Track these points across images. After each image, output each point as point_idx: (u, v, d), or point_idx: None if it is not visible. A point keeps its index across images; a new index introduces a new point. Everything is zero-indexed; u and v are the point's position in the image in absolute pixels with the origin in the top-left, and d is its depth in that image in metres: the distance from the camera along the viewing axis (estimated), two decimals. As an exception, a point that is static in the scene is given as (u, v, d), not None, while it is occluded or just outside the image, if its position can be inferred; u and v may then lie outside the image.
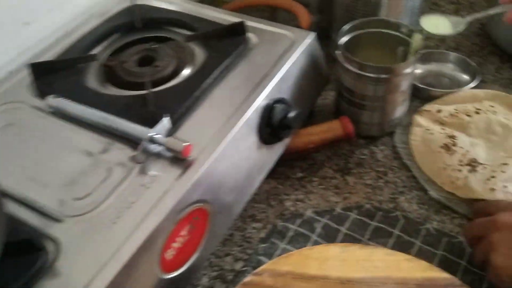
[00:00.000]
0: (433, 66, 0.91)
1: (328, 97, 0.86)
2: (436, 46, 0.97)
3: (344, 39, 0.75)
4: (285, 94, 0.68)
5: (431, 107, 0.79)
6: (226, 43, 0.71)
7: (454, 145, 0.72)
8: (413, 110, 0.81)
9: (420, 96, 0.83)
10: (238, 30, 0.72)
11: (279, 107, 0.64)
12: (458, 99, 0.80)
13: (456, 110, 0.78)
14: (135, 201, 0.52)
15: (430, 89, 0.83)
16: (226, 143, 0.58)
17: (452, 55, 0.90)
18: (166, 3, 0.81)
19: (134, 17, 0.76)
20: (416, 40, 0.72)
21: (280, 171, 0.74)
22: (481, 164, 0.70)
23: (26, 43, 0.74)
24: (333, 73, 0.79)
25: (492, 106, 0.78)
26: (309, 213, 0.68)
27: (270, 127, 0.64)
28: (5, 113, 0.64)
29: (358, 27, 0.75)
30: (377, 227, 0.65)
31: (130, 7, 0.79)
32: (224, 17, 0.78)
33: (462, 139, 0.73)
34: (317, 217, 0.67)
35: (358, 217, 0.67)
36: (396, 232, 0.65)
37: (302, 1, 0.91)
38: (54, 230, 0.50)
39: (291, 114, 0.65)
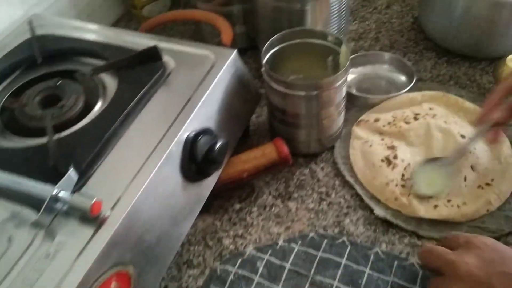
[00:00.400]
0: (368, 69, 0.86)
1: (263, 113, 0.81)
2: (369, 46, 0.93)
3: (269, 55, 0.69)
4: (210, 121, 0.62)
5: (368, 116, 0.75)
6: (140, 72, 0.64)
7: (395, 157, 0.68)
8: (352, 120, 0.77)
9: (358, 104, 0.79)
10: (152, 56, 0.65)
11: (202, 140, 0.58)
12: (396, 104, 0.76)
13: (394, 117, 0.74)
14: (38, 277, 0.45)
15: (367, 96, 0.78)
16: (144, 190, 0.51)
17: (387, 55, 0.87)
18: (73, 30, 0.73)
19: (34, 51, 0.68)
20: (344, 52, 0.67)
21: (216, 205, 0.68)
22: None
23: None
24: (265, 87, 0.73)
25: (431, 109, 0.74)
26: (250, 250, 0.62)
27: (195, 164, 0.58)
28: None
29: (283, 39, 0.70)
30: (323, 258, 0.60)
31: (30, 39, 0.70)
32: (139, 40, 0.70)
33: (403, 150, 0.70)
34: (259, 254, 0.62)
35: (303, 248, 0.62)
36: (344, 261, 0.60)
37: (225, 13, 0.85)
38: None
39: (217, 145, 0.59)
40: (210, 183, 0.62)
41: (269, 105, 0.70)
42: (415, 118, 0.73)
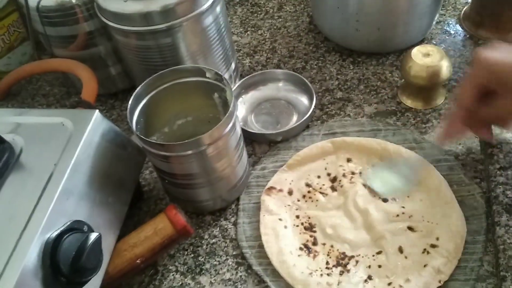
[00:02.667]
0: (263, 92, 0.75)
1: (157, 166, 0.69)
2: (267, 60, 0.82)
3: (140, 111, 0.56)
4: (79, 208, 0.49)
5: (279, 183, 0.62)
6: (-22, 163, 0.50)
7: (315, 243, 0.57)
8: (258, 157, 0.67)
9: (258, 139, 0.69)
10: (-10, 141, 0.51)
11: (67, 241, 0.45)
12: (308, 158, 0.64)
13: (309, 187, 0.62)
14: None
15: (266, 133, 0.68)
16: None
17: (280, 72, 0.76)
18: None
19: None
20: (228, 91, 0.56)
21: (113, 301, 0.56)
22: (352, 257, 0.55)
23: None
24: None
25: (350, 160, 0.64)
26: None
27: (62, 275, 0.45)
28: None
29: (155, 84, 0.58)
30: None
31: None
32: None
33: (322, 229, 0.58)
34: None
35: (224, 338, 0.50)
36: None
37: (90, 56, 0.72)
38: None
39: (89, 243, 0.46)
40: (94, 285, 0.49)
41: (154, 168, 0.58)
42: (332, 188, 0.62)
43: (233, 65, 0.73)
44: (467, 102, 0.51)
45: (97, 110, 0.54)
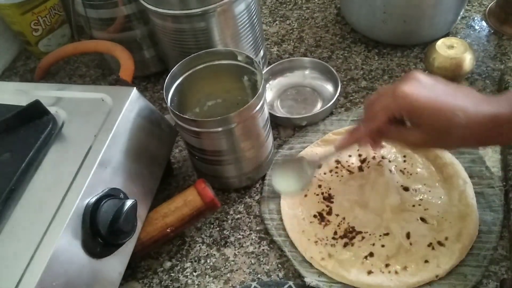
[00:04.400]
0: (290, 79, 0.78)
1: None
2: (294, 49, 0.85)
3: (174, 88, 0.60)
4: (116, 177, 0.53)
5: (310, 155, 0.65)
6: (24, 133, 0.55)
7: (329, 213, 0.60)
8: (283, 140, 0.70)
9: (283, 123, 0.72)
10: (37, 112, 0.55)
11: (105, 206, 0.49)
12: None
13: (337, 164, 0.65)
14: None
15: (292, 117, 0.71)
16: (41, 281, 0.43)
17: (307, 60, 0.79)
18: None
19: None
20: (258, 74, 0.59)
21: (143, 267, 0.60)
22: (359, 233, 0.58)
23: None
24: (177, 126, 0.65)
25: (382, 147, 0.63)
26: (186, 316, 0.54)
27: (100, 237, 0.48)
28: None
29: (189, 65, 0.61)
30: (269, 312, 0.53)
31: None
32: (21, 94, 0.60)
33: (339, 202, 0.61)
34: (197, 320, 0.53)
35: (246, 304, 0.54)
36: (293, 312, 0.52)
37: (126, 39, 0.75)
38: None
39: (125, 210, 0.49)
40: (126, 252, 0.53)
41: (186, 144, 0.61)
42: (360, 168, 0.64)
43: (261, 53, 0.76)
44: (377, 125, 0.52)
45: (135, 88, 0.58)
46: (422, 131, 0.49)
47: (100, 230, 0.48)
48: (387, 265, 0.54)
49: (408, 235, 0.57)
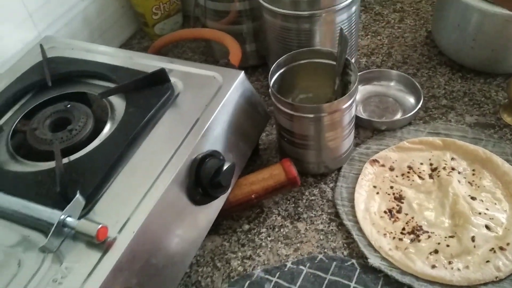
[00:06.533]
0: (375, 87, 0.85)
1: (273, 132, 0.81)
2: (381, 62, 0.92)
3: (277, 76, 0.69)
4: (218, 143, 0.62)
5: (386, 158, 0.73)
6: (148, 94, 0.64)
7: (399, 211, 0.66)
8: (361, 140, 0.77)
9: (363, 125, 0.79)
10: (160, 78, 0.65)
11: (209, 163, 0.58)
12: (416, 147, 0.74)
13: (409, 169, 0.72)
14: (45, 303, 0.45)
15: (373, 120, 0.78)
16: (150, 213, 0.51)
17: (394, 73, 0.85)
18: (83, 52, 0.74)
19: (45, 74, 0.69)
20: (353, 75, 0.67)
21: (225, 225, 0.68)
22: (426, 232, 0.64)
23: None
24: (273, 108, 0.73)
25: (454, 159, 0.72)
26: (258, 272, 0.62)
27: (201, 187, 0.57)
28: None
29: (292, 59, 0.70)
30: (332, 281, 0.59)
31: (41, 63, 0.71)
32: (147, 62, 0.70)
33: (409, 203, 0.67)
34: (267, 276, 0.61)
35: (311, 271, 0.61)
36: (353, 285, 0.59)
37: (235, 31, 0.85)
38: None
39: (224, 168, 0.58)
40: (217, 206, 0.62)
41: (278, 125, 0.70)
42: (430, 176, 0.70)
43: (353, 60, 0.83)
44: None
45: (243, 72, 0.67)
46: None
47: (202, 182, 0.57)
48: (450, 263, 0.60)
49: (473, 239, 0.62)
